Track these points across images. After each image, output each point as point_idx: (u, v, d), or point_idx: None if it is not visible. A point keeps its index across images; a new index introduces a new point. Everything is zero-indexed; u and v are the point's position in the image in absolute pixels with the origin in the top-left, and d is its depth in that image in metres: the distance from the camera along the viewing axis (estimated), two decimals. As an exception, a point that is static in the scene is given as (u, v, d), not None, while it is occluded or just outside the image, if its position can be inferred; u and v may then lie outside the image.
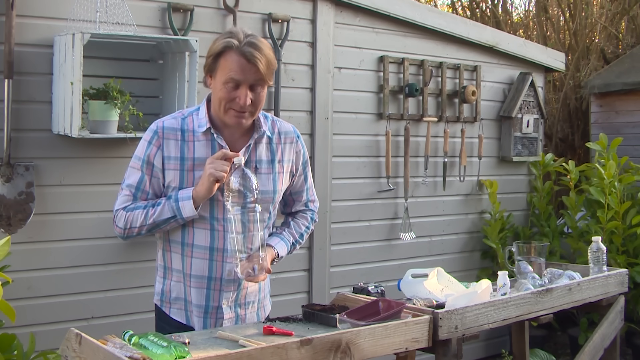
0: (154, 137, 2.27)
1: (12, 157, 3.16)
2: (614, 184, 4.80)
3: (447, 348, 2.44)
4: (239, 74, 2.16)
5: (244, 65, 2.15)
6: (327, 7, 4.19)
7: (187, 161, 2.26)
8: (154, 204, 2.25)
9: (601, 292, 3.17)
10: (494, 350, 5.09)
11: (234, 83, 2.17)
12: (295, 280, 4.10)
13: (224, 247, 2.28)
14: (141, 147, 2.29)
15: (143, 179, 2.28)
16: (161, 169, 2.26)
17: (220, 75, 2.18)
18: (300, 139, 2.45)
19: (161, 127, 2.28)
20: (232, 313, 2.35)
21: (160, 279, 2.40)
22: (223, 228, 2.27)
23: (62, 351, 1.99)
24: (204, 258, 2.29)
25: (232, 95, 2.18)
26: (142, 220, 2.25)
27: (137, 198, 2.29)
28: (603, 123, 6.43)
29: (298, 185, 2.48)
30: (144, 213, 2.25)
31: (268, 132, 2.35)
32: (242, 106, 2.18)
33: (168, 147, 2.25)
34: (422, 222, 4.71)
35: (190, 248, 2.29)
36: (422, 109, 4.65)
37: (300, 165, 2.45)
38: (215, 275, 2.30)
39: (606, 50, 7.85)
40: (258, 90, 2.21)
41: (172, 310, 2.36)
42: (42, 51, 3.23)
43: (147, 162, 2.27)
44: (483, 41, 4.97)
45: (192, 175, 2.25)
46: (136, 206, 2.27)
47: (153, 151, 2.26)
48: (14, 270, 2.99)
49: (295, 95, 4.09)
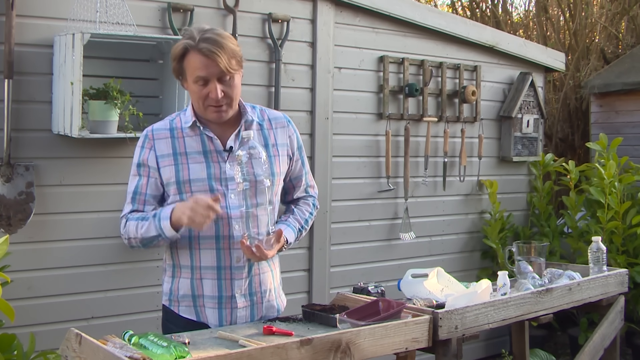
0: (145, 141, 2.35)
1: (12, 157, 3.16)
2: (614, 184, 4.80)
3: (447, 348, 2.44)
4: (202, 71, 2.22)
5: (205, 61, 2.21)
6: (327, 7, 4.19)
7: (180, 156, 2.31)
8: (144, 217, 2.29)
9: (601, 292, 3.17)
10: (494, 350, 5.08)
11: (202, 80, 2.23)
12: (295, 280, 4.10)
13: (229, 234, 2.31)
14: (136, 154, 2.37)
15: (140, 182, 2.34)
16: (156, 168, 2.32)
17: (188, 76, 2.26)
18: (291, 123, 2.51)
19: (150, 130, 2.37)
20: (246, 302, 2.36)
21: (168, 279, 2.41)
22: (227, 215, 2.29)
23: (62, 351, 1.99)
24: (212, 248, 2.31)
25: (204, 92, 2.25)
26: (134, 232, 2.30)
27: (136, 201, 2.34)
28: (603, 123, 6.43)
29: (297, 170, 2.52)
30: (135, 225, 2.30)
31: (257, 119, 2.41)
32: (216, 100, 2.25)
33: (159, 146, 2.33)
34: (422, 222, 4.71)
35: (197, 240, 2.32)
36: (422, 109, 4.65)
37: (296, 150, 2.50)
38: (224, 264, 2.32)
39: (606, 50, 7.85)
40: (228, 82, 2.26)
41: (180, 308, 2.36)
42: (42, 51, 3.23)
43: (142, 165, 2.34)
44: (483, 41, 4.97)
45: (187, 169, 2.31)
46: (135, 217, 2.32)
47: (146, 153, 2.34)
48: (14, 270, 2.99)
49: (295, 95, 4.09)
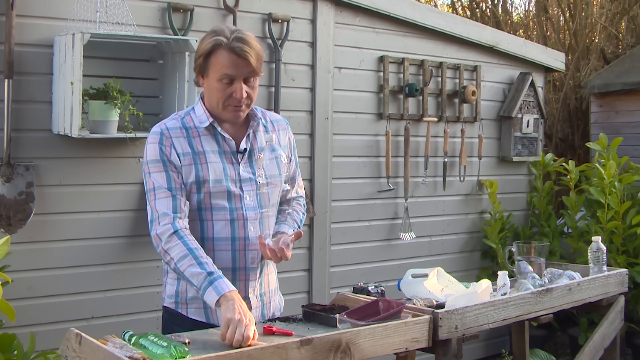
0: (163, 138, 2.27)
1: (12, 157, 3.15)
2: (614, 184, 4.80)
3: (447, 348, 2.44)
4: (232, 70, 2.21)
5: (236, 60, 2.21)
6: (327, 7, 4.19)
7: (199, 155, 2.28)
8: (200, 258, 2.15)
9: (601, 292, 3.17)
10: (494, 350, 5.08)
11: (228, 79, 2.22)
12: (295, 280, 4.10)
13: (244, 236, 2.30)
14: (153, 150, 2.26)
15: (171, 176, 2.24)
16: (179, 165, 2.26)
17: (213, 73, 2.23)
18: (289, 126, 2.53)
19: (165, 128, 2.29)
20: (258, 302, 2.37)
21: (172, 281, 2.36)
22: (243, 217, 2.29)
23: (62, 351, 1.99)
24: (227, 249, 2.30)
25: (228, 91, 2.23)
26: (176, 259, 2.17)
27: (175, 193, 2.23)
28: (603, 123, 6.43)
29: (292, 171, 2.54)
30: (183, 255, 2.16)
31: (263, 122, 2.42)
32: (240, 100, 2.24)
33: (179, 144, 2.27)
34: (422, 222, 4.71)
35: (211, 242, 2.29)
36: (422, 109, 4.65)
37: (292, 152, 2.52)
38: (239, 265, 2.31)
39: (606, 50, 7.85)
40: (251, 83, 2.27)
41: (189, 310, 2.33)
42: (42, 51, 3.23)
43: (168, 161, 2.25)
44: (483, 41, 4.97)
45: (206, 168, 2.27)
46: (188, 241, 2.18)
47: (168, 150, 2.25)
48: (14, 270, 2.99)
49: (295, 95, 4.09)
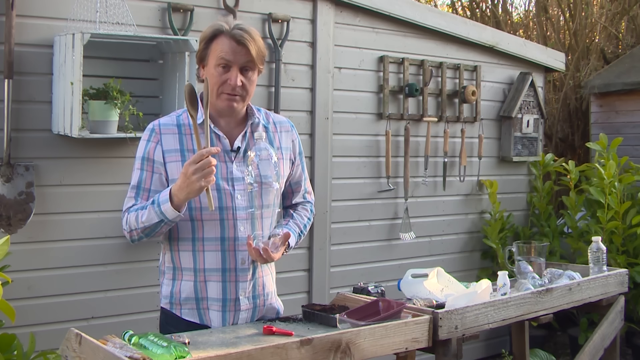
0: (152, 135, 2.30)
1: (12, 157, 3.16)
2: (614, 184, 4.80)
3: (447, 348, 2.44)
4: (229, 55, 2.23)
5: (234, 47, 2.22)
6: (327, 7, 4.19)
7: (188, 153, 2.27)
8: (143, 206, 2.24)
9: (601, 292, 3.17)
10: (494, 350, 5.08)
11: (225, 64, 2.23)
12: (295, 280, 4.10)
13: (234, 236, 2.29)
14: (140, 147, 2.32)
15: (143, 176, 2.29)
16: (162, 162, 2.27)
17: (211, 59, 2.25)
18: (294, 128, 2.50)
19: (157, 124, 2.32)
20: (249, 304, 2.35)
21: (168, 282, 2.36)
22: (233, 216, 2.28)
23: (62, 351, 1.99)
24: (216, 250, 2.29)
25: (223, 77, 2.24)
26: (134, 223, 2.25)
27: (139, 196, 2.29)
28: (603, 123, 6.43)
29: (297, 175, 2.51)
30: (135, 216, 2.25)
31: (263, 122, 2.39)
32: (233, 87, 2.24)
33: (167, 141, 2.28)
34: (422, 222, 4.71)
35: (201, 242, 2.29)
36: (422, 109, 4.65)
37: (297, 155, 2.49)
38: (229, 266, 2.30)
39: (606, 50, 7.85)
40: (249, 74, 2.27)
41: (183, 311, 2.33)
42: (42, 51, 3.23)
43: (147, 159, 2.28)
44: (483, 41, 4.97)
45: None
46: (135, 208, 2.27)
47: (152, 147, 2.28)
48: (14, 270, 3.00)
49: (295, 95, 4.09)
